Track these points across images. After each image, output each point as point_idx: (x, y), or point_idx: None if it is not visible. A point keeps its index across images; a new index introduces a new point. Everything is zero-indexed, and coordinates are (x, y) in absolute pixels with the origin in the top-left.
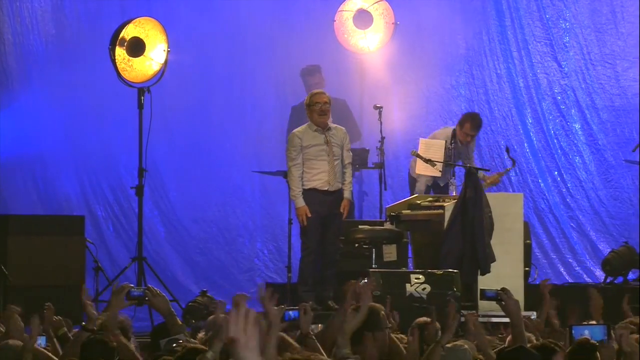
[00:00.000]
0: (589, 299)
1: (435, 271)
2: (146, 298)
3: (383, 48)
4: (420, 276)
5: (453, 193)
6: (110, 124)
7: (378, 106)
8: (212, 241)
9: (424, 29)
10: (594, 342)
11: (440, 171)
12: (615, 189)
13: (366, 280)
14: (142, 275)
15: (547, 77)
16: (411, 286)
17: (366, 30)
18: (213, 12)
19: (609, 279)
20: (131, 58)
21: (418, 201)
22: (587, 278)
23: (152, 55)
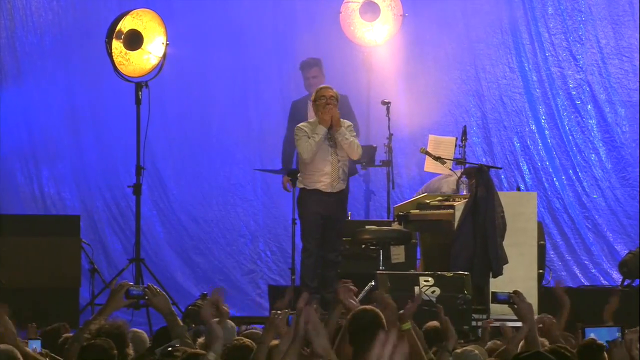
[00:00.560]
0: (608, 302)
1: (445, 273)
2: (146, 297)
3: (391, 41)
4: (429, 278)
5: (464, 192)
6: (106, 120)
7: (386, 102)
8: (213, 242)
9: (433, 21)
10: (601, 343)
11: (450, 169)
12: (633, 188)
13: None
14: (140, 277)
15: (562, 71)
16: (420, 289)
17: (373, 22)
18: (213, 4)
19: (627, 282)
20: (128, 51)
21: (427, 200)
22: (604, 281)
23: (150, 48)
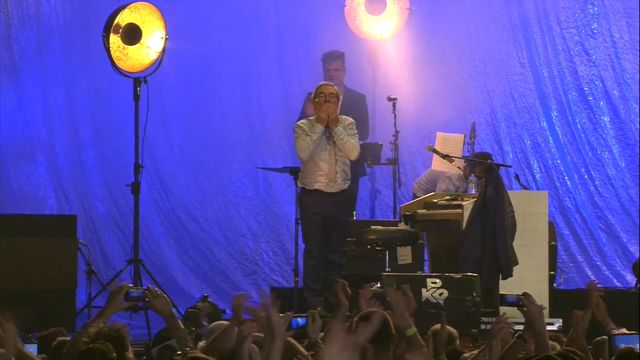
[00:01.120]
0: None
1: (453, 275)
2: (146, 299)
3: (397, 35)
4: (437, 280)
5: (472, 191)
6: (104, 117)
7: (392, 98)
8: (214, 242)
9: (441, 15)
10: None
11: (458, 167)
12: None
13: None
14: (139, 278)
15: (574, 67)
16: (427, 291)
17: (379, 16)
18: None
19: None
20: (126, 46)
21: (435, 200)
22: (617, 282)
23: (149, 43)
